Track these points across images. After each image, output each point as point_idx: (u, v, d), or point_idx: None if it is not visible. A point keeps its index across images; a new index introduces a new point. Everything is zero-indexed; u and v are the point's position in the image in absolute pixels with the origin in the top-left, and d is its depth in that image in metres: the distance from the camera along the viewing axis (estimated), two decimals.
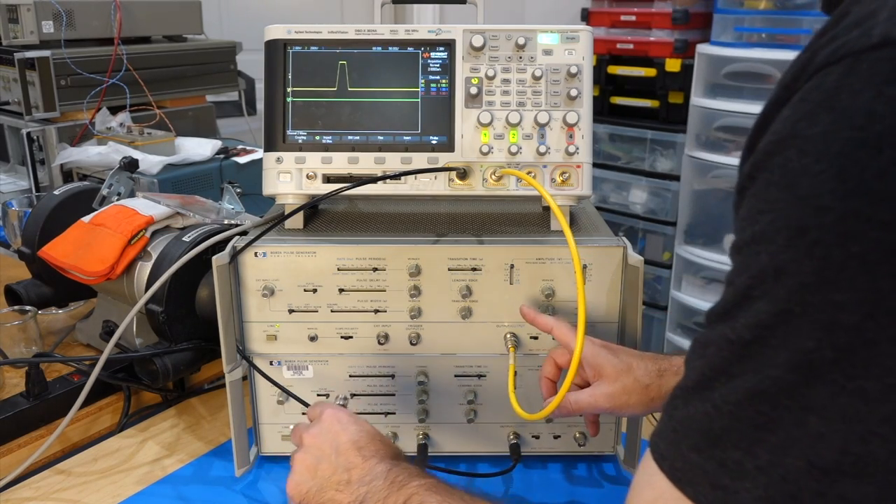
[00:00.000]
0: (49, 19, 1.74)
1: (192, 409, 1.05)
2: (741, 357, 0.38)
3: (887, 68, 0.34)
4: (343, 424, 0.68)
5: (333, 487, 0.64)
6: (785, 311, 0.36)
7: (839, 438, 0.35)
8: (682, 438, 0.40)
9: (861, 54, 0.35)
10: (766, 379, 0.36)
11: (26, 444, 0.96)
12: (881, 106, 0.34)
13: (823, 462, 0.35)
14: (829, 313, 0.35)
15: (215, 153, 1.66)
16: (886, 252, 0.34)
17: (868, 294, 0.34)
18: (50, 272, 1.09)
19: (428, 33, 0.86)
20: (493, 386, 0.89)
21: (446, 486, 0.60)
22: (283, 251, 0.84)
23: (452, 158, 0.85)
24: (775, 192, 0.37)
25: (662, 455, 0.41)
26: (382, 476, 0.62)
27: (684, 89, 2.53)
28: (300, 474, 0.66)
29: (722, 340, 0.39)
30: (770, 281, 0.37)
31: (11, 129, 1.84)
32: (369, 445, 0.66)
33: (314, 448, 0.67)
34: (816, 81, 0.37)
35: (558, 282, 0.85)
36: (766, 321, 0.37)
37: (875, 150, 0.34)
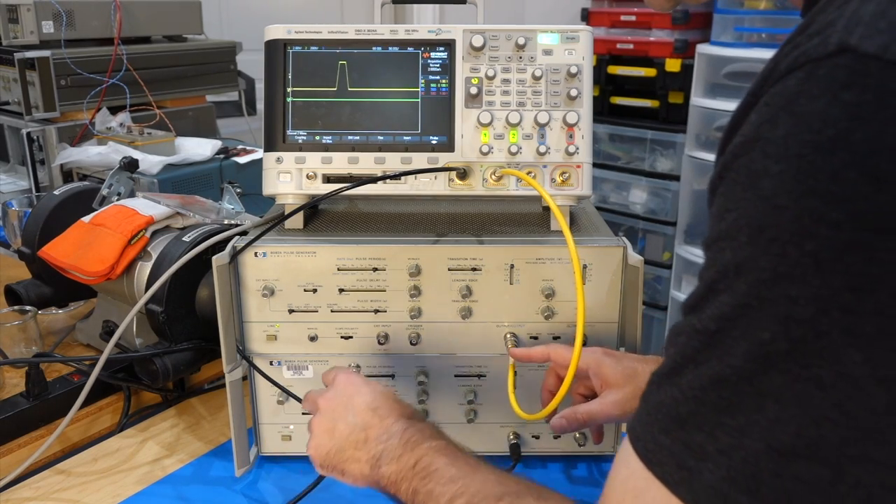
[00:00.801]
0: (49, 19, 1.74)
1: (192, 409, 1.05)
2: (706, 346, 0.40)
3: (842, 74, 0.36)
4: (357, 387, 0.70)
5: (352, 447, 0.66)
6: (744, 305, 0.38)
7: (794, 422, 0.37)
8: (653, 421, 0.42)
9: (819, 61, 0.37)
10: (727, 367, 0.39)
11: (26, 444, 0.96)
12: (836, 110, 0.36)
13: (780, 444, 0.37)
14: (784, 307, 0.37)
15: (215, 153, 1.66)
16: (838, 250, 0.35)
17: (821, 290, 0.36)
18: (50, 272, 1.09)
19: (428, 33, 0.86)
20: (493, 386, 0.89)
21: (455, 449, 0.63)
22: (283, 251, 0.85)
23: (452, 158, 0.85)
24: (739, 191, 0.39)
25: (637, 437, 0.43)
26: (398, 435, 0.64)
27: (684, 89, 2.53)
28: (319, 437, 0.68)
29: (691, 330, 0.41)
30: (732, 276, 0.39)
31: (11, 129, 1.84)
32: (384, 406, 0.68)
33: (330, 411, 0.69)
34: (780, 87, 0.39)
35: (558, 282, 0.85)
36: (728, 313, 0.39)
37: (829, 153, 0.36)
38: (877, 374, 0.36)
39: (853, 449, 0.36)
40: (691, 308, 0.42)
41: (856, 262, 0.35)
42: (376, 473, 0.64)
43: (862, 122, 0.35)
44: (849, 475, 0.36)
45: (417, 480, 0.60)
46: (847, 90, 0.36)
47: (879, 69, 0.36)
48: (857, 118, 0.36)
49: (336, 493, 0.88)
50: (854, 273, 0.35)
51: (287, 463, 0.93)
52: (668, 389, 0.42)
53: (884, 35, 0.36)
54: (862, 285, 0.35)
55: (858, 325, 0.36)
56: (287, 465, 0.92)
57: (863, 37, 0.36)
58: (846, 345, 0.36)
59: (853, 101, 0.36)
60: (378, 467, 0.64)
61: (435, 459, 0.60)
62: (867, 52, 0.36)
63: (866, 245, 0.35)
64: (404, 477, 0.61)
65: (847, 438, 0.36)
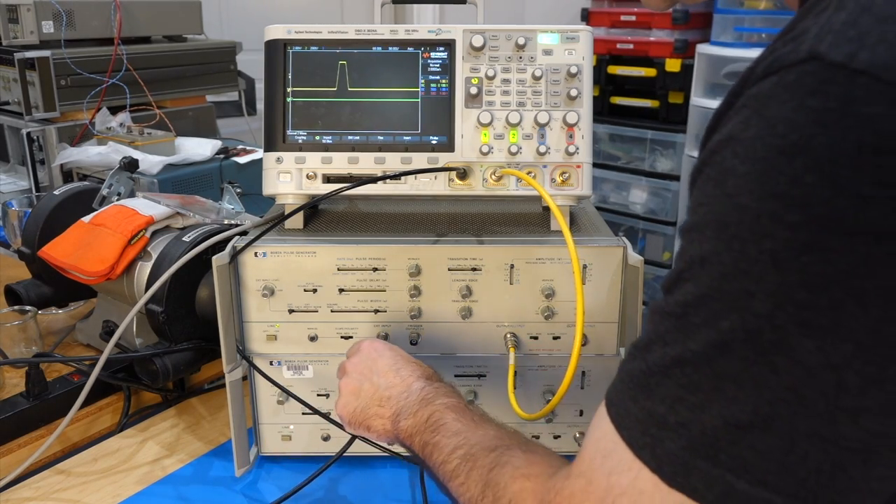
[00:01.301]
0: (49, 19, 1.74)
1: (192, 409, 1.05)
2: (672, 328, 0.43)
3: (809, 81, 0.38)
4: (379, 352, 0.75)
5: (376, 404, 0.71)
6: (706, 296, 0.41)
7: (750, 402, 0.40)
8: (625, 389, 0.46)
9: (791, 67, 0.39)
10: (688, 351, 0.42)
11: (26, 444, 0.96)
12: (801, 116, 0.37)
13: (736, 420, 0.40)
14: (742, 300, 0.39)
15: (215, 153, 1.66)
16: (794, 250, 0.37)
17: (777, 286, 0.38)
18: (50, 272, 1.09)
19: (428, 33, 0.86)
20: (493, 386, 0.89)
21: (464, 407, 0.67)
22: (283, 251, 0.85)
23: (452, 158, 0.85)
24: (711, 187, 0.42)
25: (610, 402, 0.47)
26: (416, 393, 0.69)
27: (684, 89, 2.53)
28: (346, 397, 0.74)
29: (661, 311, 0.44)
30: (697, 267, 0.42)
31: (11, 129, 1.84)
32: (405, 367, 0.73)
33: (356, 373, 0.74)
34: (755, 90, 0.41)
35: (558, 282, 0.85)
36: (691, 301, 0.42)
37: (790, 157, 0.37)
38: (829, 362, 0.38)
39: (804, 425, 0.39)
40: (665, 289, 0.45)
41: (811, 263, 0.37)
42: (396, 428, 0.69)
43: (824, 129, 0.37)
44: (799, 448, 0.39)
45: (428, 433, 0.65)
46: (813, 97, 0.37)
47: (845, 77, 0.37)
48: (820, 124, 0.37)
49: (336, 492, 0.88)
50: (809, 272, 0.37)
51: (287, 463, 0.93)
52: (639, 363, 0.45)
53: (852, 44, 0.37)
54: (817, 284, 0.37)
55: (812, 319, 0.38)
56: (287, 465, 0.92)
57: (831, 45, 0.37)
58: (800, 336, 0.38)
59: (818, 107, 0.37)
60: (398, 422, 0.69)
61: (444, 415, 0.65)
62: (834, 61, 0.37)
63: (822, 247, 0.37)
64: (418, 430, 0.66)
65: (798, 415, 0.39)
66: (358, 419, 0.73)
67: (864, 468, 0.39)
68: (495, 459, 0.57)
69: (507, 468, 0.56)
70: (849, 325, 0.37)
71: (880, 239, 0.36)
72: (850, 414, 0.38)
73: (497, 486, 0.55)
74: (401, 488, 0.89)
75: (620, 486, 0.44)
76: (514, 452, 0.57)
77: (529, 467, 0.55)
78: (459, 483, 0.59)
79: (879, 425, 0.38)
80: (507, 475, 0.55)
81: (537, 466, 0.54)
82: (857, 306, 0.37)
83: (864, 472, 0.39)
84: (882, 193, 0.36)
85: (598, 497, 0.45)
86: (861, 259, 0.36)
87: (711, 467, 0.41)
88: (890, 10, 0.38)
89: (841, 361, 0.38)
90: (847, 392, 0.38)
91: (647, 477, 0.43)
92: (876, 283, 0.37)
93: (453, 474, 0.60)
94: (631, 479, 0.44)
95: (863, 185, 0.36)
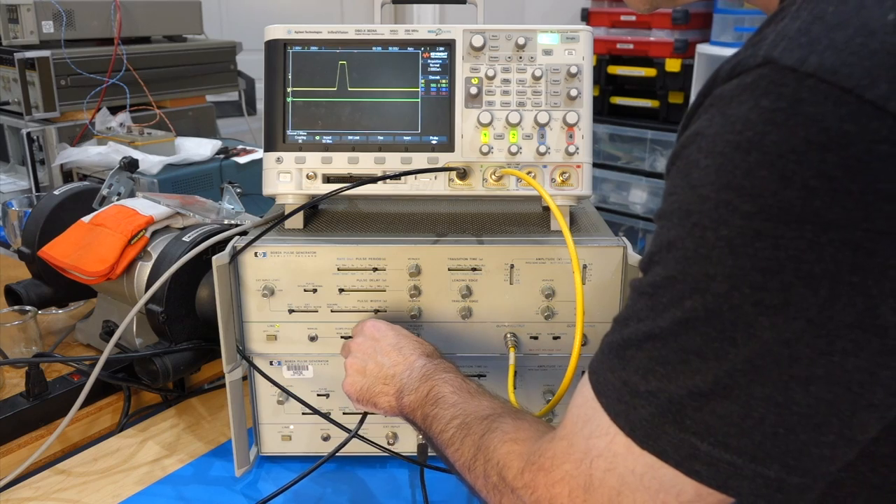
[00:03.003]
0: (49, 19, 1.74)
1: (192, 409, 1.05)
2: (644, 307, 0.47)
3: (763, 83, 0.41)
4: (382, 332, 0.79)
5: (381, 382, 0.75)
6: (672, 277, 0.45)
7: (712, 373, 0.43)
8: (604, 359, 0.50)
9: (749, 70, 0.42)
10: (657, 328, 0.46)
11: (26, 444, 0.96)
12: (755, 115, 0.41)
13: (699, 389, 0.44)
14: (703, 282, 0.43)
15: (215, 153, 1.66)
16: (748, 237, 0.41)
17: (733, 269, 0.42)
18: (50, 272, 1.09)
19: (428, 33, 0.86)
20: (493, 386, 0.88)
21: (462, 381, 0.70)
22: (283, 251, 0.85)
23: (452, 158, 0.85)
24: (679, 178, 0.45)
25: (592, 370, 0.51)
26: (418, 370, 0.73)
27: (684, 89, 2.53)
28: (352, 376, 0.77)
29: (636, 290, 0.49)
30: (665, 251, 0.46)
31: (11, 129, 1.84)
32: (407, 345, 0.77)
33: (361, 353, 0.78)
34: (720, 90, 0.44)
35: (558, 282, 0.85)
36: (659, 283, 0.46)
37: (745, 153, 0.41)
38: (782, 337, 0.41)
39: (759, 392, 0.42)
40: (641, 270, 0.49)
41: (764, 248, 0.41)
42: (400, 403, 0.73)
43: (775, 127, 0.40)
44: (755, 412, 0.43)
45: (428, 406, 0.69)
46: (765, 97, 0.41)
47: (794, 80, 0.40)
48: (771, 123, 0.40)
49: (336, 492, 0.88)
50: (762, 257, 0.41)
51: (287, 463, 0.93)
52: (617, 336, 0.49)
53: (803, 49, 0.40)
54: (769, 268, 0.41)
55: (766, 299, 0.41)
56: (287, 465, 0.92)
57: (784, 50, 0.41)
58: (756, 314, 0.42)
59: (769, 107, 0.40)
60: (401, 398, 0.72)
61: (443, 389, 0.69)
62: (786, 65, 0.40)
63: (772, 234, 0.40)
64: (419, 405, 0.70)
65: (754, 383, 0.42)
66: (365, 397, 0.76)
67: (816, 433, 0.43)
68: (487, 426, 0.61)
69: (497, 433, 0.60)
70: (799, 305, 0.41)
71: (825, 228, 0.39)
72: (801, 382, 0.42)
73: (487, 450, 0.59)
74: (401, 488, 0.89)
75: (598, 448, 0.48)
76: (504, 420, 0.61)
77: (518, 432, 0.59)
78: (455, 449, 0.63)
79: (828, 393, 0.42)
80: (496, 439, 0.59)
81: (525, 432, 0.58)
82: (807, 288, 0.40)
83: (816, 438, 0.43)
84: (826, 185, 0.39)
85: (578, 458, 0.49)
86: (808, 245, 0.40)
87: (678, 431, 0.45)
88: (839, 18, 0.41)
89: (792, 336, 0.41)
90: (798, 362, 0.41)
91: (621, 440, 0.47)
92: (823, 268, 0.40)
93: (450, 442, 0.64)
94: (607, 443, 0.48)
95: (808, 178, 0.39)
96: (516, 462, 0.55)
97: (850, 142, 0.38)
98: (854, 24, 0.40)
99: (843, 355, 0.41)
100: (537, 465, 0.52)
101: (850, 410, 0.42)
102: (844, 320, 0.40)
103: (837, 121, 0.39)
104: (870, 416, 0.43)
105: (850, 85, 0.39)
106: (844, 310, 0.40)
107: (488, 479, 0.58)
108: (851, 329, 0.40)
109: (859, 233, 0.39)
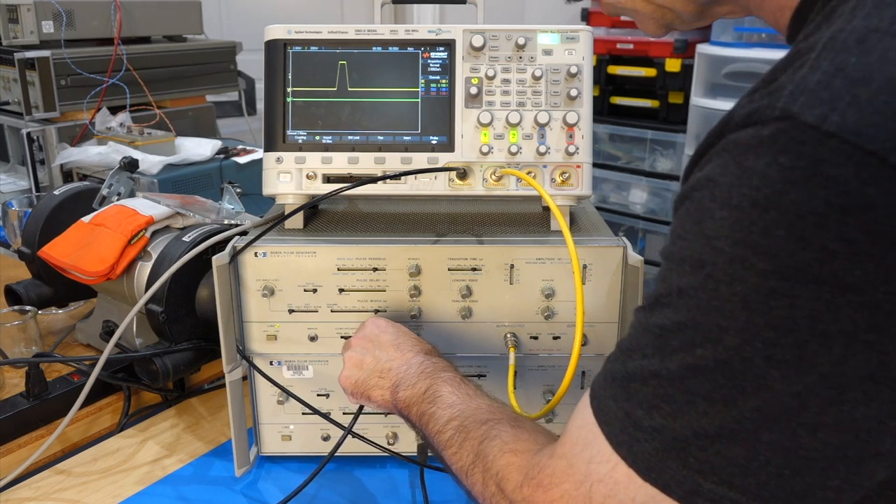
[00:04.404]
0: (49, 19, 1.74)
1: (192, 409, 1.05)
2: (650, 345, 0.47)
3: (783, 139, 0.40)
4: (382, 328, 0.79)
5: (377, 375, 0.75)
6: (682, 324, 0.44)
7: (718, 417, 0.43)
8: (608, 385, 0.50)
9: (767, 123, 0.41)
10: (664, 368, 0.45)
11: (26, 444, 0.96)
12: (773, 172, 0.40)
13: (705, 431, 0.44)
14: (714, 333, 0.43)
15: (215, 153, 1.66)
16: (763, 295, 0.40)
17: (746, 325, 0.41)
18: (50, 272, 1.09)
19: (428, 33, 0.86)
20: (493, 386, 0.89)
21: (460, 381, 0.70)
22: (283, 251, 0.84)
23: (452, 158, 0.85)
24: (690, 223, 0.45)
25: (594, 393, 0.51)
26: (416, 366, 0.73)
27: (684, 89, 2.53)
28: (350, 369, 0.77)
29: (642, 325, 0.48)
30: (675, 296, 0.45)
31: (11, 129, 1.84)
32: (406, 342, 0.77)
33: (360, 347, 0.78)
34: (734, 137, 0.43)
35: (558, 282, 0.85)
36: (668, 326, 0.45)
37: (763, 210, 0.40)
38: (793, 389, 0.41)
39: (766, 437, 0.42)
40: (648, 305, 0.48)
41: (778, 307, 0.40)
42: (395, 398, 0.72)
43: (794, 187, 0.39)
44: (762, 455, 0.42)
45: (425, 404, 0.69)
46: (784, 154, 0.40)
47: (815, 139, 0.39)
48: (791, 182, 0.39)
49: (337, 492, 0.88)
50: (776, 315, 0.40)
51: (287, 463, 0.93)
52: (620, 366, 0.49)
53: (824, 106, 0.39)
54: (783, 326, 0.40)
55: (778, 354, 0.41)
56: (287, 465, 0.92)
57: (804, 105, 0.40)
58: (767, 367, 0.41)
59: (789, 165, 0.39)
60: (396, 393, 0.72)
61: (441, 388, 0.69)
62: (806, 122, 0.39)
63: (788, 293, 0.40)
64: (416, 401, 0.70)
65: (761, 429, 0.42)
66: (359, 389, 0.76)
67: (821, 477, 0.42)
68: (486, 433, 0.61)
69: (496, 441, 0.60)
70: (812, 361, 0.40)
71: (844, 290, 0.39)
72: (809, 428, 0.41)
73: (486, 458, 0.59)
74: (401, 488, 0.89)
75: (598, 473, 0.48)
76: (503, 427, 0.61)
77: (517, 443, 0.58)
78: (453, 452, 0.63)
79: (836, 439, 0.41)
80: (496, 448, 0.59)
81: (524, 443, 0.58)
82: (821, 346, 0.40)
83: (822, 481, 0.42)
84: (846, 249, 0.38)
85: (578, 480, 0.49)
86: (825, 306, 0.39)
87: (681, 468, 0.44)
88: (863, 72, 0.39)
89: (804, 389, 0.41)
90: (808, 410, 0.41)
91: (623, 470, 0.47)
92: (839, 327, 0.39)
93: (447, 444, 0.64)
94: (608, 470, 0.48)
95: (828, 241, 0.38)
96: (515, 475, 0.55)
97: (872, 205, 0.38)
98: (878, 80, 0.39)
99: (853, 405, 0.40)
100: (536, 482, 0.52)
101: (858, 457, 0.42)
102: (857, 374, 0.40)
103: (860, 184, 0.38)
104: (877, 465, 0.42)
105: (873, 147, 0.38)
106: (858, 365, 0.40)
107: (486, 488, 0.58)
108: (863, 381, 0.40)
109: (879, 295, 0.38)
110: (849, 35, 0.41)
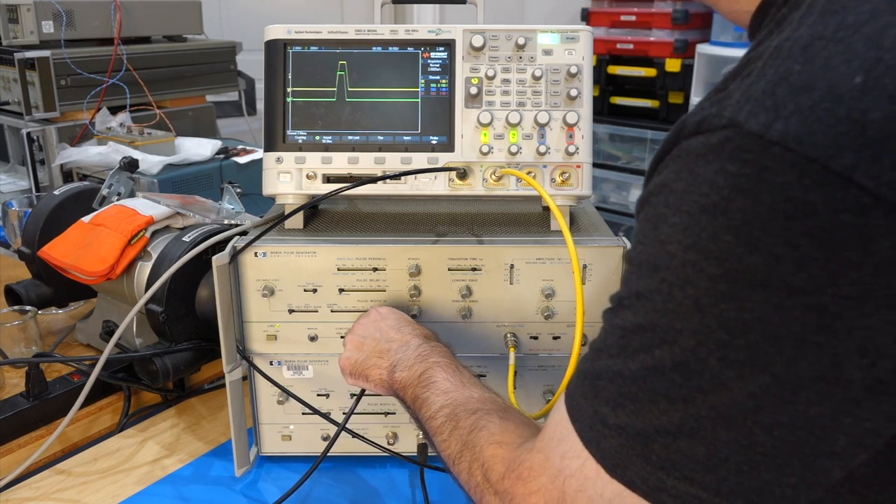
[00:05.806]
0: (49, 19, 1.74)
1: (192, 409, 1.05)
2: (614, 346, 0.48)
3: (729, 147, 0.41)
4: (384, 315, 0.80)
5: (376, 356, 0.77)
6: (642, 325, 0.46)
7: (678, 415, 0.44)
8: (579, 383, 0.51)
9: (715, 131, 0.42)
10: (627, 368, 0.47)
11: (26, 444, 0.96)
12: (721, 179, 0.41)
13: (665, 429, 0.45)
14: (670, 335, 0.44)
15: (215, 153, 1.66)
16: (714, 298, 0.42)
17: (700, 327, 0.43)
18: (50, 272, 1.09)
19: (428, 33, 0.86)
20: (494, 386, 0.88)
21: (456, 368, 0.72)
22: (283, 251, 0.85)
23: (452, 158, 0.85)
24: (648, 229, 0.46)
25: (568, 391, 0.53)
26: (414, 349, 0.74)
27: (684, 89, 2.53)
28: (349, 351, 0.79)
29: (608, 325, 0.50)
30: (634, 299, 0.47)
31: (11, 129, 1.84)
32: (406, 327, 0.78)
33: (361, 330, 0.80)
34: (687, 144, 0.44)
35: (558, 282, 0.85)
36: (629, 328, 0.47)
37: (711, 217, 0.41)
38: (748, 389, 0.42)
39: (724, 435, 0.43)
40: (613, 307, 0.50)
41: (728, 310, 0.41)
42: (391, 378, 0.74)
43: (741, 193, 0.40)
44: (720, 452, 0.44)
45: (420, 388, 0.70)
46: (731, 162, 0.41)
47: (760, 147, 0.40)
48: (737, 189, 0.40)
49: (337, 492, 0.88)
50: (727, 318, 0.41)
51: (287, 463, 0.93)
52: (591, 365, 0.50)
53: (768, 114, 0.40)
54: (734, 327, 0.41)
55: (731, 355, 0.42)
56: (287, 465, 0.92)
57: (749, 114, 0.41)
58: (722, 367, 0.42)
59: (735, 172, 0.40)
60: (393, 373, 0.74)
61: (437, 373, 0.70)
62: (751, 130, 0.40)
63: (738, 297, 0.41)
64: (411, 384, 0.71)
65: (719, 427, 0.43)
66: (358, 370, 0.77)
67: (778, 474, 0.43)
68: (475, 423, 0.63)
69: (483, 432, 0.61)
70: (764, 362, 0.41)
71: (791, 293, 0.40)
72: (765, 427, 0.42)
73: (474, 448, 0.61)
74: (401, 488, 0.89)
75: (570, 468, 0.50)
76: (491, 418, 0.62)
77: (503, 434, 0.60)
78: (442, 439, 0.65)
79: (791, 436, 0.42)
80: (483, 439, 0.60)
81: (510, 434, 0.60)
82: (772, 348, 0.41)
83: (778, 478, 0.43)
84: (791, 253, 0.39)
85: (552, 474, 0.51)
86: (773, 309, 0.40)
87: (645, 465, 0.46)
88: (805, 80, 0.40)
89: (758, 389, 0.42)
90: (763, 410, 0.42)
91: (592, 465, 0.49)
92: (788, 329, 0.40)
93: (438, 430, 0.66)
94: (579, 465, 0.49)
95: (774, 246, 0.40)
96: (499, 466, 0.57)
97: (815, 211, 0.38)
98: (821, 88, 0.39)
99: (806, 405, 0.41)
100: (516, 474, 0.54)
101: (813, 455, 0.43)
102: (809, 374, 0.41)
103: (802, 190, 0.39)
104: (832, 464, 0.43)
105: (815, 154, 0.38)
106: (810, 366, 0.41)
107: (472, 476, 0.60)
108: (815, 381, 0.41)
109: (825, 297, 0.39)
110: (794, 43, 0.42)
